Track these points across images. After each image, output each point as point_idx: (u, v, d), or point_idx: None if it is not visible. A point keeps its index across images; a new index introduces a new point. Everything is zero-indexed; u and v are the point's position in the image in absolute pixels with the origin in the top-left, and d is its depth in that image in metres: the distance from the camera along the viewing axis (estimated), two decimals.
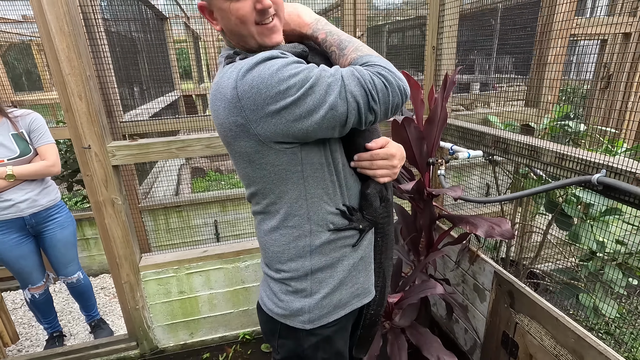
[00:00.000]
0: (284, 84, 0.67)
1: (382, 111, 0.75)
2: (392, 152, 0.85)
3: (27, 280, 1.91)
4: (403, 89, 0.75)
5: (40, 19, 1.44)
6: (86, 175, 1.65)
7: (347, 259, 0.88)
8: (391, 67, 0.77)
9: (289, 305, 0.87)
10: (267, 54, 0.70)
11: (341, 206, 0.84)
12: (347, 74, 0.72)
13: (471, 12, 3.27)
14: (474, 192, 2.74)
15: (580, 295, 1.55)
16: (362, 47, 0.82)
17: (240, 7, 0.73)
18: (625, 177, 1.06)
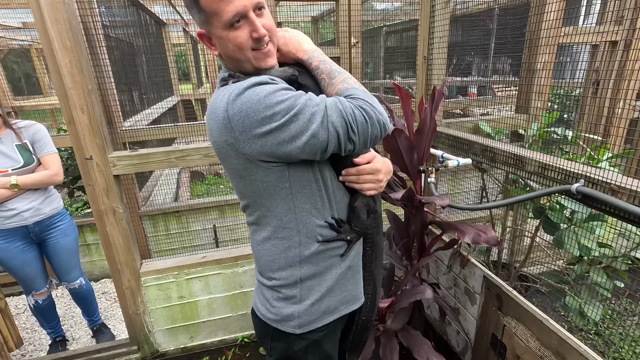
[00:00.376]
0: (270, 110, 0.72)
1: (361, 142, 0.79)
2: (378, 167, 0.90)
3: (30, 286, 1.96)
4: (383, 123, 0.80)
5: (44, 35, 1.49)
6: (88, 184, 1.71)
7: (335, 268, 0.93)
8: (374, 101, 0.81)
9: (280, 311, 0.92)
10: (257, 79, 0.76)
11: (329, 219, 0.89)
12: (331, 104, 0.76)
13: (466, 15, 3.34)
14: (470, 195, 2.79)
15: (567, 297, 1.61)
16: (350, 80, 0.86)
17: (238, 35, 0.79)
18: (602, 187, 1.11)
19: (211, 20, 0.78)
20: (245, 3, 0.75)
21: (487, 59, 3.96)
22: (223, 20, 0.76)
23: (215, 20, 0.78)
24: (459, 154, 1.82)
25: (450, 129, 1.95)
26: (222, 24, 0.77)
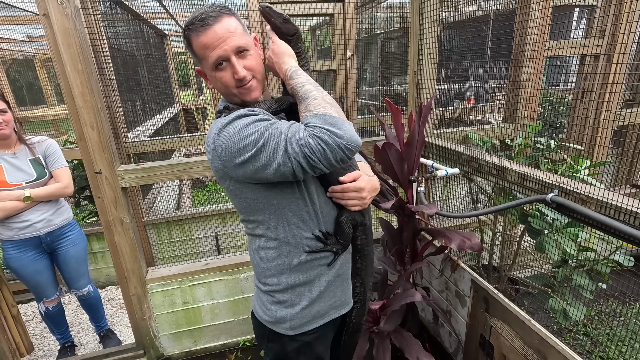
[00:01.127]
0: (243, 142, 0.82)
1: (327, 165, 0.81)
2: (361, 185, 0.98)
3: (42, 294, 2.05)
4: (343, 146, 0.79)
5: (57, 59, 1.60)
6: (97, 196, 1.81)
7: (324, 277, 1.02)
8: (334, 125, 0.79)
9: (274, 313, 1.03)
10: (237, 113, 0.86)
11: (316, 232, 0.99)
12: (291, 135, 0.80)
13: (462, 21, 3.45)
14: (462, 202, 2.88)
15: (550, 299, 1.70)
16: (312, 105, 0.84)
17: (222, 75, 0.92)
18: (573, 196, 1.21)
19: (202, 62, 0.93)
20: (226, 48, 0.88)
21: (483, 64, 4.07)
22: (209, 63, 0.91)
23: (204, 63, 0.92)
24: (448, 164, 1.92)
25: (440, 140, 2.05)
26: (209, 66, 0.92)
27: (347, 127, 0.81)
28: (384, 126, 1.82)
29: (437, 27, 1.90)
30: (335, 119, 0.80)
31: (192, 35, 0.89)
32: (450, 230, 1.56)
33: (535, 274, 2.11)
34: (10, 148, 1.89)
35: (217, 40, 0.87)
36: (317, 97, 0.85)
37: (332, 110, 0.83)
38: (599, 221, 1.10)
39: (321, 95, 0.86)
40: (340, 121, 0.80)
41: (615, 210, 1.09)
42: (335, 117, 0.80)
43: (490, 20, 3.30)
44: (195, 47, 0.90)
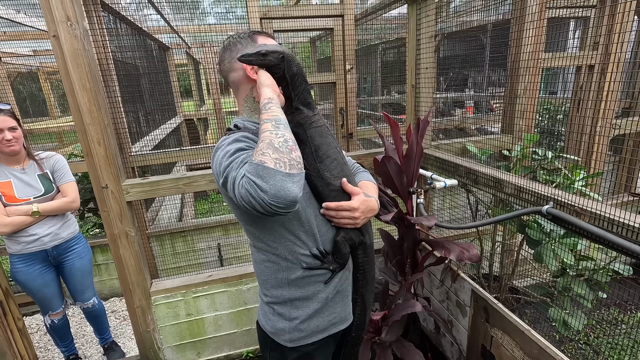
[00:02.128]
0: (219, 167, 0.89)
1: (262, 213, 0.78)
2: (355, 206, 0.99)
3: (48, 307, 2.08)
4: (266, 202, 0.75)
5: (66, 78, 1.66)
6: (103, 210, 1.85)
7: (322, 293, 1.05)
8: (260, 178, 0.75)
9: (275, 324, 1.06)
10: (233, 137, 0.92)
11: (314, 250, 1.01)
12: (237, 180, 0.81)
13: (461, 31, 3.52)
14: (462, 211, 2.91)
15: (550, 309, 1.71)
16: (257, 148, 0.80)
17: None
18: (568, 209, 1.24)
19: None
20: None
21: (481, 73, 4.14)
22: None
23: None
24: (447, 175, 1.95)
25: (439, 151, 2.09)
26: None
27: (277, 181, 0.74)
28: (383, 139, 1.86)
29: (434, 42, 1.95)
30: (267, 170, 0.75)
31: (261, 35, 1.02)
32: (449, 242, 1.59)
33: (535, 283, 2.13)
34: (19, 164, 1.94)
35: None
36: (265, 140, 0.80)
37: (271, 157, 0.76)
38: (592, 233, 1.13)
39: (271, 138, 0.80)
40: (271, 173, 0.74)
41: (608, 222, 1.12)
42: (267, 168, 0.75)
43: (488, 30, 3.37)
44: (262, 43, 1.00)
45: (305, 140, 0.98)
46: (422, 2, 1.95)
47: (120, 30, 3.19)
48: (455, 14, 3.57)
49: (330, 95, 3.41)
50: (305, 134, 0.98)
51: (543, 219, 1.60)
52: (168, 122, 4.96)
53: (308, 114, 0.99)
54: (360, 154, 2.16)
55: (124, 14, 3.09)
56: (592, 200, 1.21)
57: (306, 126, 0.98)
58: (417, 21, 2.01)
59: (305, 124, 0.98)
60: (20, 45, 5.30)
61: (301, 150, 0.98)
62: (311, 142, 0.99)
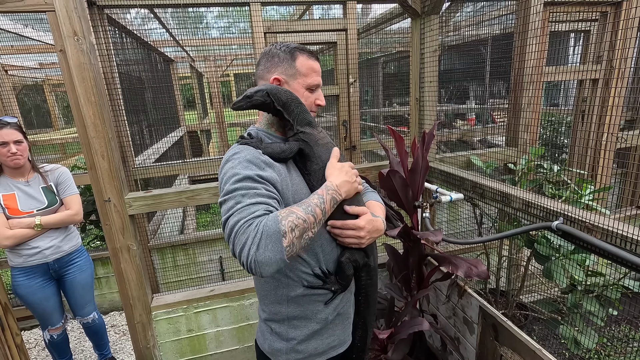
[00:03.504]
0: (223, 185, 0.88)
1: (235, 255, 0.80)
2: (361, 225, 0.96)
3: (47, 321, 2.05)
4: (245, 261, 0.76)
5: (72, 91, 1.66)
6: (105, 224, 1.83)
7: (321, 313, 1.02)
8: (264, 239, 0.76)
9: (272, 344, 1.04)
10: (245, 156, 0.90)
11: (316, 269, 0.99)
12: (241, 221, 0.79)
13: (463, 43, 3.55)
14: (469, 223, 2.88)
15: (561, 327, 1.67)
16: (291, 210, 0.82)
17: (309, 95, 1.06)
18: (578, 224, 1.22)
19: (298, 76, 1.03)
20: (320, 81, 1.07)
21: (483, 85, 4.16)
22: (308, 81, 1.04)
23: (301, 78, 1.04)
24: (452, 189, 1.93)
25: (444, 164, 2.08)
26: (306, 84, 1.04)
27: (270, 252, 0.75)
28: (387, 152, 1.85)
29: (437, 56, 1.96)
30: (276, 236, 0.76)
31: (302, 55, 1.04)
32: (456, 257, 1.56)
33: (543, 298, 2.09)
34: (24, 176, 1.93)
35: (319, 73, 1.07)
36: (297, 209, 0.82)
37: (291, 227, 0.78)
38: (605, 250, 1.10)
39: (308, 226, 0.82)
40: (273, 239, 0.76)
41: (621, 239, 1.10)
42: (278, 235, 0.76)
43: (488, 43, 3.40)
44: (301, 63, 1.03)
45: (313, 157, 0.99)
46: (426, 16, 1.97)
47: (125, 44, 3.23)
48: (455, 29, 3.60)
49: (334, 107, 3.42)
50: (312, 151, 0.99)
51: (552, 234, 1.57)
52: (171, 134, 4.98)
53: (312, 132, 1.00)
54: (365, 167, 2.15)
55: (130, 27, 3.13)
56: (602, 215, 1.18)
57: (312, 144, 0.99)
58: (421, 35, 2.02)
59: (311, 141, 0.99)
60: (26, 58, 5.38)
61: (309, 167, 0.99)
62: (318, 159, 0.99)
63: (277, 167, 0.94)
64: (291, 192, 0.95)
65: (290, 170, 0.98)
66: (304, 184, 0.99)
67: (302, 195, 0.95)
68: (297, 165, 1.01)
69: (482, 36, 3.40)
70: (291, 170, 0.98)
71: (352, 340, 1.14)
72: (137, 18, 4.26)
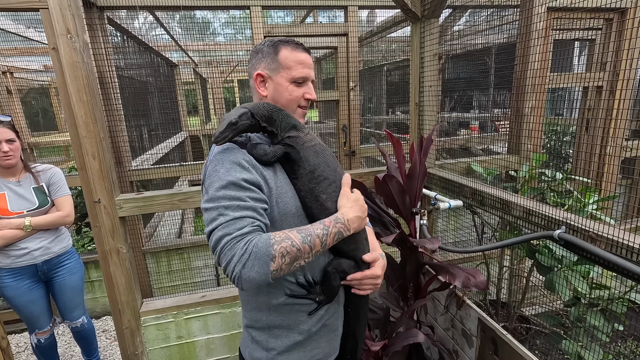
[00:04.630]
0: (208, 187, 0.85)
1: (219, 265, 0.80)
2: (379, 274, 0.96)
3: (35, 325, 2.00)
4: (231, 275, 0.77)
5: (63, 90, 1.64)
6: (95, 226, 1.79)
7: (304, 324, 0.97)
8: (252, 259, 0.75)
9: (252, 353, 0.99)
10: (233, 159, 0.87)
11: (300, 278, 0.94)
12: (228, 236, 0.78)
13: (466, 52, 3.52)
14: (469, 232, 2.81)
15: (563, 341, 1.60)
16: (291, 234, 0.81)
17: (295, 89, 0.99)
18: (581, 234, 1.16)
19: (281, 70, 0.98)
20: (311, 74, 1.00)
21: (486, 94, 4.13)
22: (292, 74, 0.97)
23: (285, 72, 0.97)
24: (451, 196, 1.88)
25: (443, 171, 2.02)
26: (290, 77, 0.98)
27: (255, 273, 0.75)
28: (385, 157, 1.80)
29: (437, 60, 1.92)
30: (264, 259, 0.76)
31: (286, 47, 0.98)
32: (454, 266, 1.50)
33: (545, 311, 2.01)
34: (15, 176, 1.90)
35: (308, 64, 1.00)
36: (295, 236, 0.81)
37: (282, 252, 0.77)
38: (610, 261, 1.04)
39: (304, 256, 0.81)
40: (261, 261, 0.76)
41: (627, 249, 1.04)
42: (267, 259, 0.76)
43: (492, 51, 3.36)
44: (284, 56, 0.97)
45: (299, 161, 0.94)
46: (426, 20, 1.93)
47: (128, 47, 3.23)
48: (458, 37, 3.58)
49: (334, 113, 3.39)
50: (299, 154, 0.94)
51: (554, 244, 1.51)
52: (172, 138, 4.97)
53: (298, 135, 0.95)
54: (362, 172, 2.10)
55: (133, 31, 3.13)
56: (607, 225, 1.13)
57: (298, 147, 0.94)
58: (421, 39, 1.99)
59: (297, 145, 0.94)
60: (30, 60, 5.42)
61: (295, 171, 0.94)
62: (305, 162, 0.94)
63: (262, 168, 0.90)
64: (275, 194, 0.90)
65: (276, 171, 0.94)
66: (289, 187, 0.94)
67: (286, 199, 0.91)
68: (285, 168, 0.97)
69: (485, 44, 3.37)
70: (277, 171, 0.94)
71: (342, 353, 1.08)
72: (145, 24, 4.29)
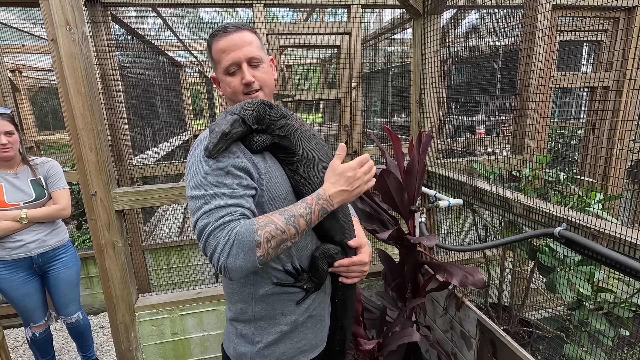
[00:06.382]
0: (191, 177, 0.83)
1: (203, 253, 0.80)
2: (366, 260, 0.96)
3: (29, 318, 1.99)
4: (217, 265, 0.76)
5: (61, 81, 1.64)
6: (91, 219, 1.78)
7: (291, 314, 0.94)
8: (236, 247, 0.75)
9: (237, 347, 0.95)
10: (205, 134, 0.86)
11: (288, 265, 0.91)
12: (213, 224, 0.77)
13: (471, 57, 3.48)
14: (470, 233, 2.76)
15: (566, 345, 1.55)
16: (270, 219, 0.79)
17: (232, 80, 0.95)
18: (582, 231, 1.12)
19: (217, 66, 0.97)
20: (239, 55, 0.93)
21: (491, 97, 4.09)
22: (223, 66, 0.94)
23: (218, 67, 0.96)
24: (452, 194, 1.84)
25: (444, 169, 1.99)
26: (222, 69, 0.95)
27: (240, 261, 0.74)
28: (384, 154, 1.77)
29: (438, 57, 1.90)
30: (249, 245, 0.75)
31: (213, 41, 0.95)
32: (452, 265, 1.46)
33: (549, 315, 1.96)
34: (12, 168, 1.91)
35: (234, 46, 0.92)
36: (278, 219, 0.79)
37: (267, 237, 0.76)
38: (612, 259, 1.00)
39: (285, 218, 0.79)
40: (246, 249, 0.74)
41: (630, 247, 1.00)
42: (252, 245, 0.75)
43: (500, 53, 3.33)
44: (213, 51, 0.95)
45: (292, 148, 0.92)
46: (427, 17, 1.91)
47: (133, 45, 3.25)
48: (463, 39, 3.55)
49: (336, 111, 3.37)
50: (291, 142, 0.92)
51: (556, 243, 1.47)
52: (176, 137, 4.99)
53: (288, 122, 0.92)
54: None
55: (140, 31, 3.15)
56: (610, 223, 1.08)
57: (290, 135, 0.92)
58: (422, 36, 1.96)
59: (289, 133, 0.92)
60: (39, 59, 5.49)
61: (289, 159, 0.92)
62: (299, 149, 0.92)
63: (250, 153, 0.88)
64: (265, 178, 0.88)
65: (265, 157, 0.91)
66: (280, 171, 0.92)
67: (275, 183, 0.89)
68: (278, 156, 0.94)
69: (489, 46, 3.34)
70: (266, 157, 0.92)
71: (330, 345, 1.05)
72: (154, 26, 4.33)
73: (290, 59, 6.79)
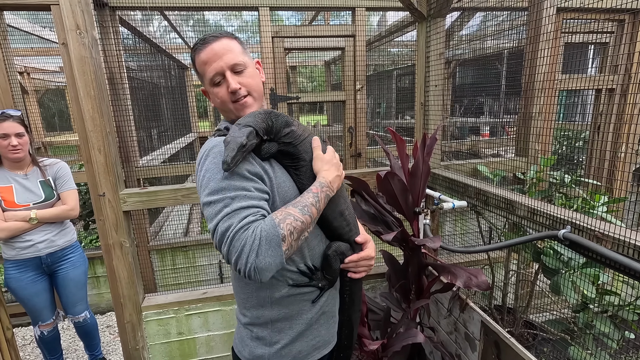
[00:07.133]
0: (205, 183, 0.83)
1: (227, 261, 0.78)
2: (373, 255, 1.00)
3: (38, 317, 2.02)
4: (244, 268, 0.74)
5: (72, 84, 1.67)
6: (99, 219, 1.81)
7: (307, 313, 0.96)
8: (264, 245, 0.74)
9: (253, 350, 0.96)
10: (213, 143, 0.87)
11: (301, 266, 0.93)
12: (235, 226, 0.76)
13: (476, 58, 3.48)
14: (474, 236, 2.76)
15: (570, 348, 1.55)
16: (288, 211, 0.80)
17: (218, 91, 0.95)
18: (587, 234, 1.12)
19: (203, 80, 0.97)
20: (221, 64, 0.91)
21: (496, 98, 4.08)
22: (207, 79, 0.94)
23: (204, 80, 0.96)
24: (456, 196, 1.85)
25: (448, 171, 2.00)
26: (208, 81, 0.94)
27: (270, 257, 0.74)
28: (389, 156, 1.78)
29: (443, 59, 1.90)
30: (275, 240, 0.75)
31: (195, 55, 0.95)
32: (456, 267, 1.47)
33: (555, 318, 1.95)
34: (22, 169, 1.94)
35: (214, 56, 0.91)
36: (294, 211, 0.80)
37: (290, 230, 0.77)
38: (617, 261, 1.00)
39: (299, 209, 0.81)
40: (273, 244, 0.74)
41: (635, 249, 1.00)
42: (278, 240, 0.75)
43: (504, 55, 3.33)
44: (197, 64, 0.95)
45: (298, 155, 0.95)
46: (432, 19, 1.92)
47: (140, 48, 3.29)
48: (468, 41, 3.55)
49: (341, 113, 3.39)
50: (297, 149, 0.94)
51: (560, 245, 1.47)
52: (181, 138, 5.03)
53: (292, 129, 0.94)
54: (365, 171, 2.09)
55: (147, 34, 3.19)
56: (615, 225, 1.09)
57: (295, 142, 0.94)
58: (427, 39, 1.97)
59: (295, 140, 0.94)
60: (47, 62, 5.56)
61: (295, 165, 0.94)
62: (305, 154, 0.95)
63: (260, 160, 0.90)
64: (275, 184, 0.90)
65: (272, 163, 0.93)
66: (286, 177, 0.94)
67: (285, 188, 0.91)
68: (284, 162, 0.96)
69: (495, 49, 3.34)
70: (272, 163, 0.93)
71: (339, 340, 1.08)
72: (160, 28, 4.38)
73: (295, 60, 6.82)
